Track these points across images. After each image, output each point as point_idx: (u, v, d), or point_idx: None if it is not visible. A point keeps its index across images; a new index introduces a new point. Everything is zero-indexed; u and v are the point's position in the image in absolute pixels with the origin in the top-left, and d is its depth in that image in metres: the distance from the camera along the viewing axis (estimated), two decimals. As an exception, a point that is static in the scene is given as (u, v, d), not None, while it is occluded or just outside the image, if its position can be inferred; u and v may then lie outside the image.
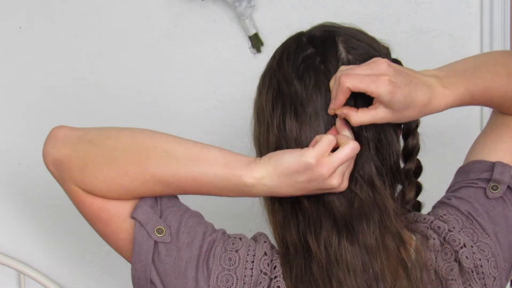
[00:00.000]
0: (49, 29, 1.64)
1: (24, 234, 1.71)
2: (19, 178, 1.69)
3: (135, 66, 1.65)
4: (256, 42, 1.60)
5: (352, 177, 0.93)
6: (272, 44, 1.00)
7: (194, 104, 1.66)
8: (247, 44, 1.62)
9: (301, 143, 0.93)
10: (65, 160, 0.97)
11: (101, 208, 0.96)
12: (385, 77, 0.87)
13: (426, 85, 0.91)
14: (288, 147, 0.94)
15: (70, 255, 1.72)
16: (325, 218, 0.92)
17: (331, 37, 0.97)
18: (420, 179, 1.03)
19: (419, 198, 1.04)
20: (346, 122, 0.92)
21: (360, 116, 0.90)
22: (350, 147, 0.89)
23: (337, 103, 0.90)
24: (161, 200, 0.96)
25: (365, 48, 0.96)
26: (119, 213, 0.96)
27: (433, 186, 1.07)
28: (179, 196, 1.00)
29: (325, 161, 0.88)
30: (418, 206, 1.03)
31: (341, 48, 0.95)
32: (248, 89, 1.04)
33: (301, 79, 0.94)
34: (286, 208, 0.95)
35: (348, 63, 0.94)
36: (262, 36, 1.61)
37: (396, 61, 0.97)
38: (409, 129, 0.99)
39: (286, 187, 0.91)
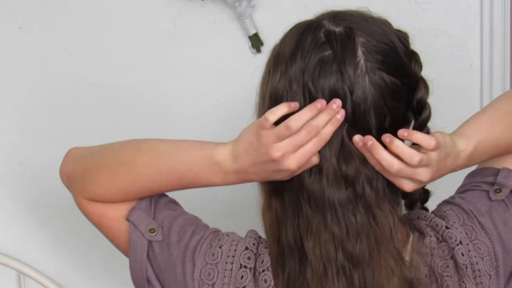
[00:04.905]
0: (49, 29, 1.64)
1: (24, 234, 1.71)
2: (19, 178, 1.69)
3: (135, 66, 1.65)
4: (256, 42, 1.61)
5: (355, 194, 0.92)
6: (272, 44, 1.00)
7: (194, 104, 1.66)
8: (247, 44, 1.62)
9: None
10: (72, 174, 1.07)
11: (101, 214, 1.04)
12: (420, 183, 0.92)
13: (452, 169, 0.96)
14: None
15: (70, 255, 1.73)
16: (325, 228, 0.92)
17: (351, 38, 0.91)
18: None
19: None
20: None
21: (380, 154, 0.91)
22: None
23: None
24: (155, 203, 1.02)
25: (386, 51, 0.92)
26: (116, 217, 1.03)
27: (434, 184, 1.07)
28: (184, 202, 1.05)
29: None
30: (425, 195, 1.03)
31: (360, 54, 0.91)
32: (248, 89, 1.04)
33: (314, 83, 0.91)
34: (285, 209, 0.95)
35: (366, 70, 0.90)
36: (262, 36, 1.61)
37: (414, 53, 0.96)
38: (421, 127, 0.97)
39: (246, 159, 0.93)
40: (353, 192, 0.92)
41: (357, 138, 0.91)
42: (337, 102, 0.89)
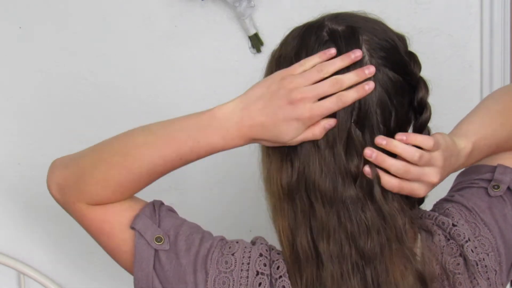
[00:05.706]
0: (49, 29, 1.64)
1: (24, 234, 1.71)
2: (19, 178, 1.69)
3: (135, 66, 1.65)
4: (256, 42, 1.61)
5: (363, 190, 0.92)
6: (272, 44, 1.00)
7: (194, 104, 1.64)
8: (247, 44, 1.62)
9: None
10: (63, 181, 1.03)
11: (103, 220, 1.00)
12: (431, 185, 0.92)
13: (455, 167, 0.97)
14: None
15: (70, 255, 1.73)
16: (339, 226, 0.91)
17: (354, 36, 0.92)
18: None
19: None
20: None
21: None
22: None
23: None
24: (159, 211, 0.99)
25: (388, 49, 0.93)
26: (119, 223, 0.99)
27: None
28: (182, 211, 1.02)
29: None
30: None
31: (364, 50, 0.91)
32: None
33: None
34: (297, 213, 0.94)
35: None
36: (262, 36, 1.61)
37: (412, 54, 0.96)
38: (422, 127, 0.98)
39: (257, 105, 0.92)
40: (361, 188, 0.91)
41: (367, 168, 0.91)
42: (370, 69, 0.90)
